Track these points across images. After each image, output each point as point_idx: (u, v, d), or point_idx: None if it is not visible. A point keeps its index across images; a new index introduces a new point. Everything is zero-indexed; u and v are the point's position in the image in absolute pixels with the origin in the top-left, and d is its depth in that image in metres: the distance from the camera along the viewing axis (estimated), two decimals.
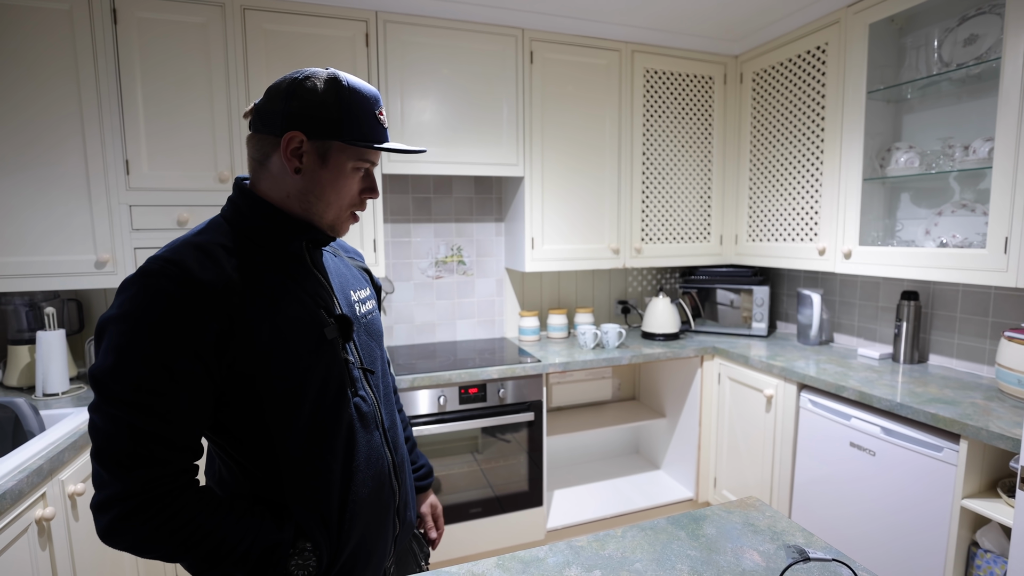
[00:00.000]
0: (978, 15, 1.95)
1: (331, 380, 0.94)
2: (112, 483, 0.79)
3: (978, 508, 1.61)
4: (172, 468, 0.82)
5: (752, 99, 2.82)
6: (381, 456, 1.01)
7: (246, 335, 0.85)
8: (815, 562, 0.91)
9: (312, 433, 0.92)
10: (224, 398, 0.87)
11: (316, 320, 0.93)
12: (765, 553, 1.02)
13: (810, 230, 2.52)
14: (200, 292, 0.82)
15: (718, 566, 0.98)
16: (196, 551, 0.83)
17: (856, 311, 2.67)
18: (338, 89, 0.90)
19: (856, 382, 2.06)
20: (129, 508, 0.79)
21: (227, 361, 0.84)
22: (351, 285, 1.08)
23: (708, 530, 1.10)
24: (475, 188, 2.93)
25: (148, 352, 0.80)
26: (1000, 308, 2.09)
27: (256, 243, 0.93)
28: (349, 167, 0.93)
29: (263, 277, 0.90)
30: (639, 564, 0.99)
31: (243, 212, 0.94)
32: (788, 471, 2.29)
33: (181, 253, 0.85)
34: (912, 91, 2.22)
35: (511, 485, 2.47)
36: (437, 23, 2.39)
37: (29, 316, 2.13)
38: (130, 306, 0.81)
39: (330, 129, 0.90)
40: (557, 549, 1.04)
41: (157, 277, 0.81)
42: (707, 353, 2.71)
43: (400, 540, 1.10)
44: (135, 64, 2.03)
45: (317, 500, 0.92)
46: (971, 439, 1.64)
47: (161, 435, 0.81)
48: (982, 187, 2.06)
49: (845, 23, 2.26)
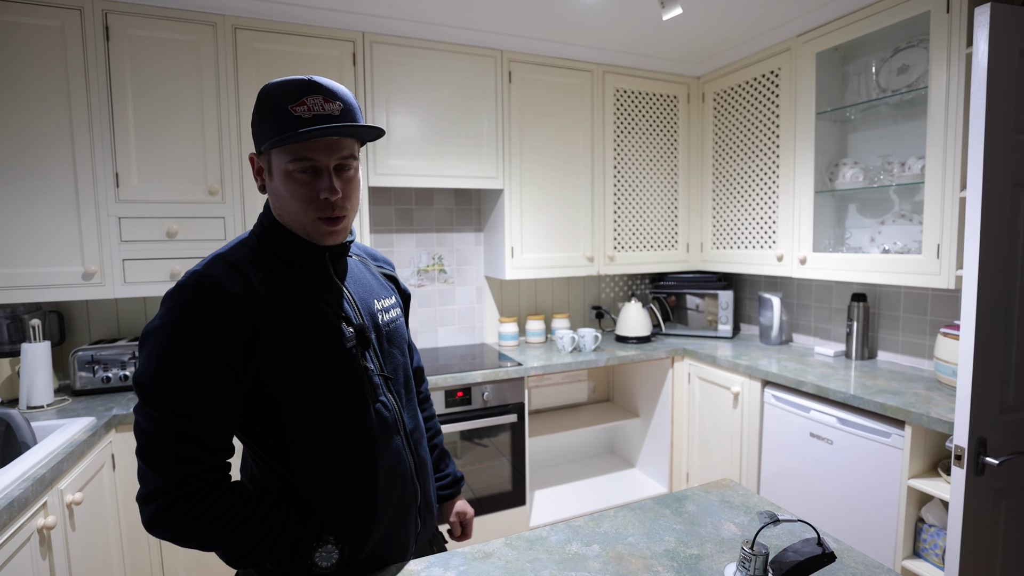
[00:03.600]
0: (908, 48, 2.19)
1: (350, 388, 0.99)
2: (155, 478, 0.86)
3: (922, 487, 1.80)
4: (206, 466, 0.89)
5: (714, 117, 3.02)
6: (403, 458, 1.08)
7: (269, 344, 0.92)
8: (784, 523, 1.05)
9: (332, 437, 0.98)
10: (250, 402, 0.94)
11: (335, 330, 0.98)
12: (740, 524, 1.16)
13: (769, 238, 2.72)
14: (229, 304, 0.89)
15: (700, 536, 1.12)
16: (229, 541, 0.90)
17: (812, 312, 2.88)
18: (258, 96, 0.93)
19: (814, 377, 2.25)
20: (170, 501, 0.86)
21: (253, 368, 0.92)
22: (376, 294, 1.12)
23: (690, 508, 1.24)
24: (456, 200, 3.04)
25: (183, 360, 0.87)
26: (937, 307, 2.31)
27: (281, 257, 1.00)
28: (288, 169, 0.92)
29: (287, 290, 0.96)
30: (631, 538, 1.12)
31: (266, 229, 1.01)
32: (755, 462, 2.46)
33: (213, 268, 0.92)
34: (855, 113, 2.45)
35: (494, 486, 2.57)
36: (421, 44, 2.51)
37: (11, 328, 2.11)
38: (169, 317, 0.88)
39: (261, 139, 0.93)
40: (558, 529, 1.16)
41: (191, 291, 0.89)
42: (677, 354, 2.88)
43: (421, 538, 1.17)
44: (126, 79, 2.07)
45: (337, 500, 0.99)
46: (914, 425, 1.83)
47: (196, 436, 0.88)
48: (917, 199, 2.29)
49: (795, 51, 2.47)
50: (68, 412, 1.91)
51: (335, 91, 0.94)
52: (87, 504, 1.64)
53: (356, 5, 2.29)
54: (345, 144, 0.95)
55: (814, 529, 0.96)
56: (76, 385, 2.10)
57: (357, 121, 0.97)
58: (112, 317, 2.41)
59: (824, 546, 0.92)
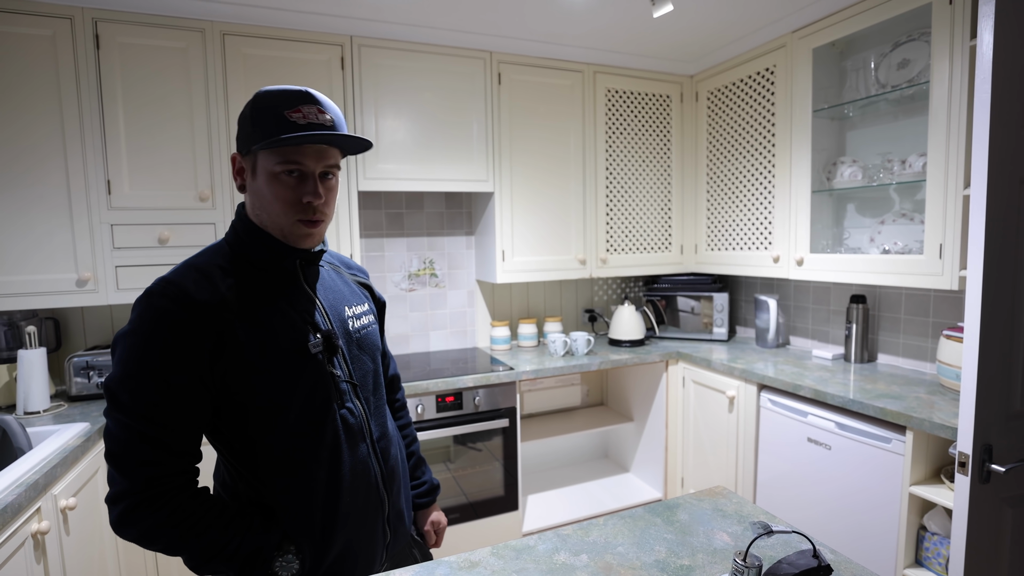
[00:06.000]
0: (909, 41, 2.14)
1: (315, 393, 0.99)
2: (121, 480, 0.88)
3: (924, 494, 1.75)
4: (171, 469, 0.90)
5: (707, 116, 2.98)
6: (368, 467, 1.06)
7: (235, 350, 0.92)
8: (778, 534, 1.00)
9: (295, 443, 0.97)
10: (218, 406, 0.94)
11: (302, 336, 0.98)
12: (733, 534, 1.10)
13: (765, 239, 2.67)
14: (195, 310, 0.90)
15: (692, 546, 1.06)
16: (193, 544, 0.90)
17: (809, 315, 2.83)
18: (252, 100, 0.96)
19: (812, 381, 2.19)
20: (135, 502, 0.87)
21: (219, 373, 0.91)
22: (347, 301, 1.12)
23: (681, 516, 1.18)
24: (446, 203, 2.99)
25: (149, 365, 0.88)
26: (939, 309, 2.26)
27: (252, 263, 0.99)
28: (275, 171, 0.94)
29: (256, 295, 0.97)
30: (621, 548, 1.06)
31: (239, 235, 1.01)
32: (751, 468, 2.40)
33: (182, 275, 0.93)
34: (853, 110, 2.40)
35: (486, 491, 2.52)
36: (409, 47, 2.47)
37: (7, 335, 2.13)
38: (138, 323, 0.89)
39: (248, 139, 0.95)
40: (545, 538, 1.11)
41: (159, 297, 0.90)
42: (671, 358, 2.83)
43: (392, 548, 1.13)
44: (117, 87, 2.07)
45: (300, 506, 0.98)
46: (916, 430, 1.78)
47: (161, 440, 0.89)
48: (919, 198, 2.24)
49: (791, 47, 2.43)
50: (64, 417, 1.92)
51: (327, 105, 0.98)
52: (81, 509, 1.65)
53: (343, 9, 2.26)
54: (332, 153, 0.99)
55: (810, 541, 0.90)
56: (72, 391, 2.11)
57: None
58: (107, 323, 2.41)
59: (820, 558, 0.86)
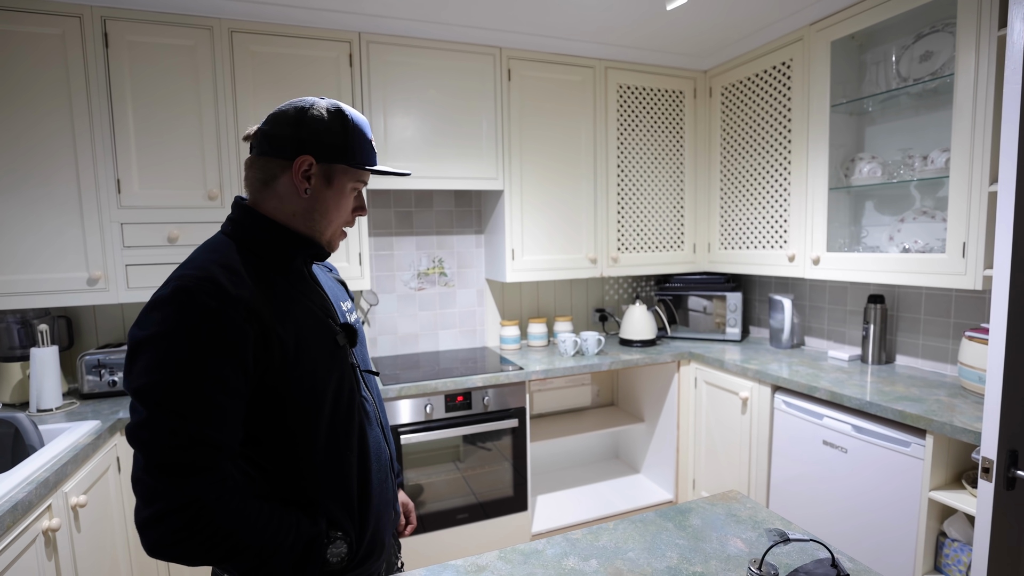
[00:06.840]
0: (932, 33, 2.08)
1: (344, 383, 1.01)
2: (168, 493, 0.81)
3: (944, 499, 1.69)
4: (220, 474, 0.85)
5: (721, 112, 2.93)
6: (382, 449, 1.09)
7: (276, 344, 0.90)
8: (795, 543, 0.96)
9: (332, 432, 0.98)
10: (251, 405, 0.91)
11: (328, 329, 1.01)
12: (748, 540, 1.07)
13: (780, 237, 2.62)
14: (238, 306, 0.87)
15: (705, 553, 1.03)
16: (246, 553, 0.86)
17: (825, 315, 2.77)
18: (343, 119, 1.00)
19: (827, 383, 2.14)
20: (188, 518, 0.80)
21: (260, 369, 0.89)
22: (340, 297, 1.16)
23: (694, 521, 1.15)
24: (455, 201, 2.97)
25: (198, 366, 0.83)
26: (961, 309, 2.20)
27: (263, 259, 0.97)
28: (349, 187, 1.02)
29: (280, 292, 0.96)
30: (631, 553, 1.03)
31: (248, 229, 0.98)
32: (764, 470, 2.35)
33: (210, 271, 0.88)
34: (873, 104, 2.34)
35: (496, 491, 2.50)
36: (418, 43, 2.44)
37: (21, 333, 2.15)
38: (172, 323, 0.83)
39: (336, 154, 0.99)
40: (554, 542, 1.08)
41: (195, 294, 0.84)
42: (683, 358, 2.78)
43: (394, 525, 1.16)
44: (126, 85, 2.07)
45: (341, 492, 0.99)
46: (936, 434, 1.72)
47: (214, 442, 0.84)
48: (941, 195, 2.18)
49: (808, 40, 2.37)
50: (76, 415, 1.92)
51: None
52: (92, 506, 1.65)
53: (352, 5, 2.25)
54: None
55: (828, 549, 0.86)
56: (84, 389, 2.11)
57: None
58: (118, 322, 2.43)
59: (839, 567, 0.82)
